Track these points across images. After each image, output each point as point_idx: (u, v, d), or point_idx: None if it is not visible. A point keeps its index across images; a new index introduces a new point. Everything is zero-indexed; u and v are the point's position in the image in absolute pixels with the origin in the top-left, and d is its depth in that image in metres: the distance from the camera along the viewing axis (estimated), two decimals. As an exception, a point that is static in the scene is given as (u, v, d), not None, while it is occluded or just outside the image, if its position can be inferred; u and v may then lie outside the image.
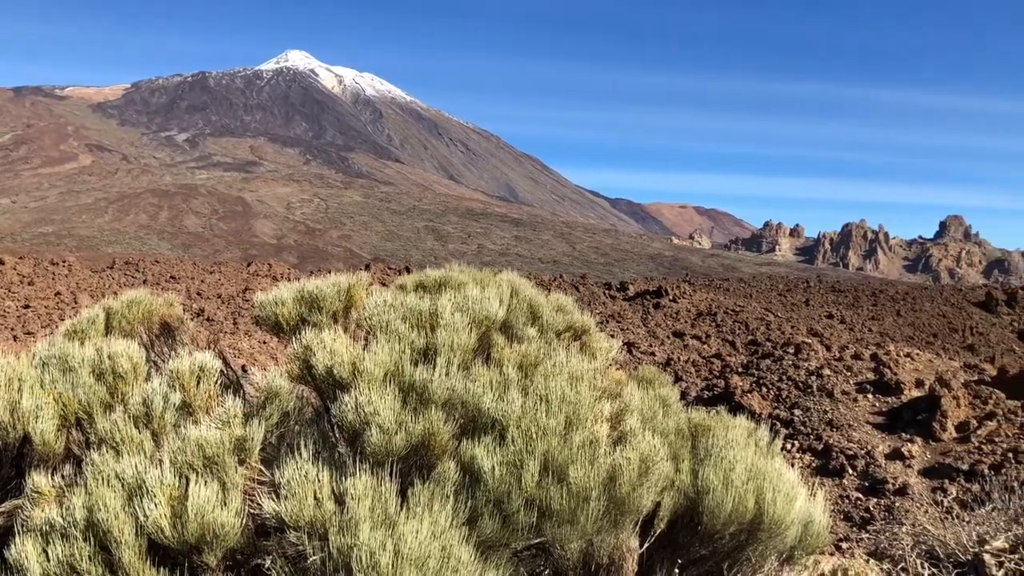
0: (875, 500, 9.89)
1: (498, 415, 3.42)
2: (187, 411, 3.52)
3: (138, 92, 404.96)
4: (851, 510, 9.77)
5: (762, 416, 12.13)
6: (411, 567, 2.72)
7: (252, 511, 3.12)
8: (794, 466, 10.03)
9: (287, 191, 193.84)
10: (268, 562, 2.99)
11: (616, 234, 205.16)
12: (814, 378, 13.62)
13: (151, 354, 4.42)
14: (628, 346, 25.03)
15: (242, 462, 3.22)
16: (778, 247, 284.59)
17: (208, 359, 3.70)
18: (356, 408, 3.29)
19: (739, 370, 15.46)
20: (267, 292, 4.27)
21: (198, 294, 27.98)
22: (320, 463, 3.10)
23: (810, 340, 20.12)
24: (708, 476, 3.89)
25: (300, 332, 3.78)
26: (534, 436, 3.33)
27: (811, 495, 4.39)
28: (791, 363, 14.79)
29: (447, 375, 3.52)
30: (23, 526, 3.09)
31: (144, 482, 3.02)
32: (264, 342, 19.74)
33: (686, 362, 19.15)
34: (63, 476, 3.35)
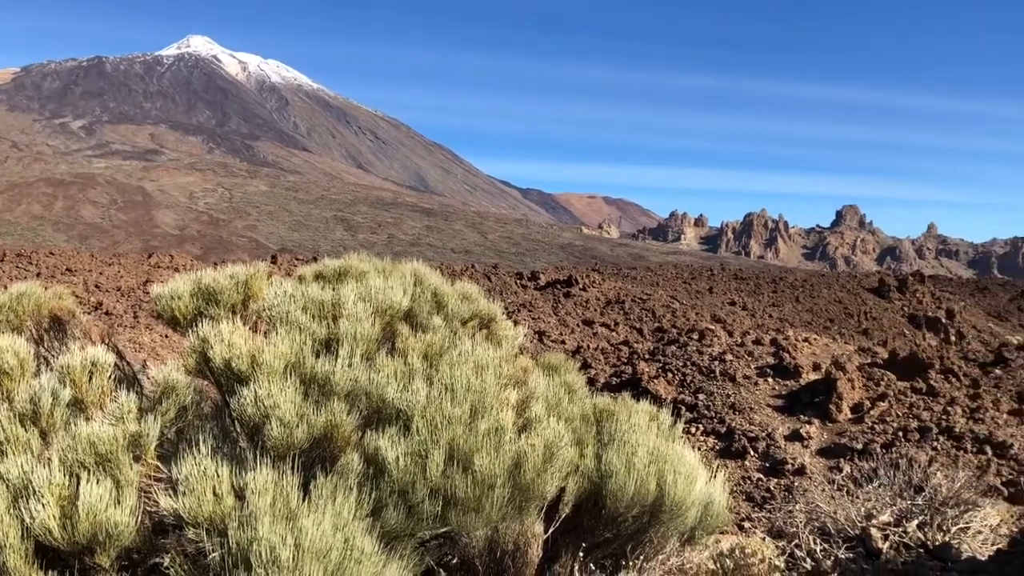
0: (775, 480, 10.23)
1: (403, 405, 3.41)
2: (79, 408, 3.40)
3: (29, 76, 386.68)
4: (753, 490, 10.09)
5: (668, 401, 12.41)
6: (313, 560, 2.70)
7: (149, 509, 3.04)
8: (698, 449, 10.30)
9: (190, 180, 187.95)
10: (167, 560, 2.93)
11: (527, 224, 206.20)
12: (717, 363, 14.00)
13: (40, 349, 4.25)
14: (539, 335, 25.23)
15: (137, 459, 3.14)
16: (683, 236, 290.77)
17: (101, 353, 3.57)
18: (255, 401, 3.24)
19: (646, 356, 15.77)
20: (164, 285, 4.15)
21: (96, 287, 26.92)
22: (220, 458, 3.05)
23: (714, 327, 20.67)
24: (611, 460, 3.97)
25: (198, 325, 3.69)
26: (439, 425, 3.33)
27: (712, 477, 4.52)
28: (695, 349, 15.17)
29: (350, 366, 3.49)
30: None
31: (31, 482, 2.92)
32: (166, 336, 19.15)
33: (595, 349, 19.41)
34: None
